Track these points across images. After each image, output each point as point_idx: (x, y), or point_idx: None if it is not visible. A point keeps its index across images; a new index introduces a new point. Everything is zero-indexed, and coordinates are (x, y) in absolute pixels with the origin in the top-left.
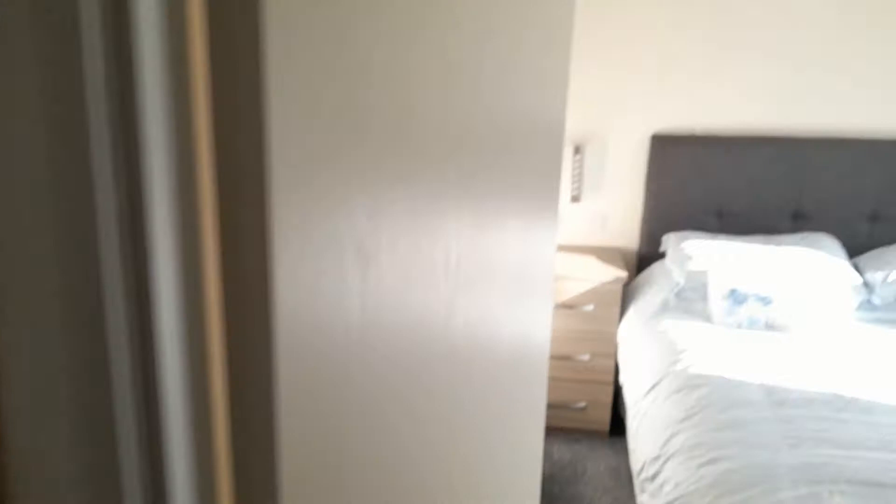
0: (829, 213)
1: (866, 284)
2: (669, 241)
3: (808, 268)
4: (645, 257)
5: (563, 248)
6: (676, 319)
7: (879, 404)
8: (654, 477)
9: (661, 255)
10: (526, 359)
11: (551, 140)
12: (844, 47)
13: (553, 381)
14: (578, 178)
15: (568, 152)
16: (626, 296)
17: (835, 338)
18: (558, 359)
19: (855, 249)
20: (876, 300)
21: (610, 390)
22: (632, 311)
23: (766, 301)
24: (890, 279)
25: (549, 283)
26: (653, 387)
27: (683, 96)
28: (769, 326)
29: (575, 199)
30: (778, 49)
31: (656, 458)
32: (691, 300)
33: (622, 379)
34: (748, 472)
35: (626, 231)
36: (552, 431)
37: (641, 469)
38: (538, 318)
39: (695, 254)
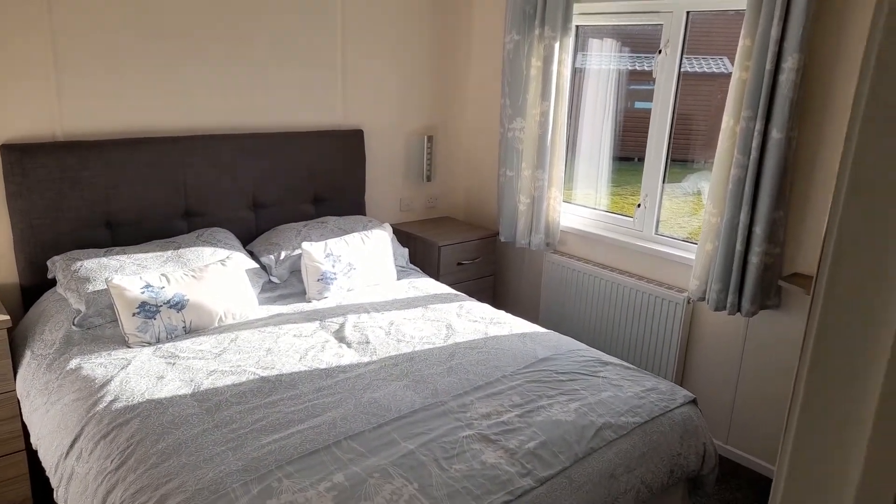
0: (217, 207)
1: (264, 267)
2: (57, 266)
3: (204, 264)
4: (30, 291)
5: None
6: (87, 353)
7: (299, 375)
8: None
9: (52, 284)
10: None
11: None
12: (211, 48)
13: None
14: None
15: None
16: (16, 342)
17: (245, 325)
18: None
19: (246, 237)
20: (275, 279)
21: (23, 458)
22: (28, 358)
23: (178, 306)
24: (282, 258)
25: None
26: (74, 441)
27: (30, 99)
28: (189, 331)
29: None
30: (149, 50)
31: None
32: (99, 326)
33: (34, 442)
34: (201, 497)
35: None
36: None
37: None
38: None
39: (91, 274)
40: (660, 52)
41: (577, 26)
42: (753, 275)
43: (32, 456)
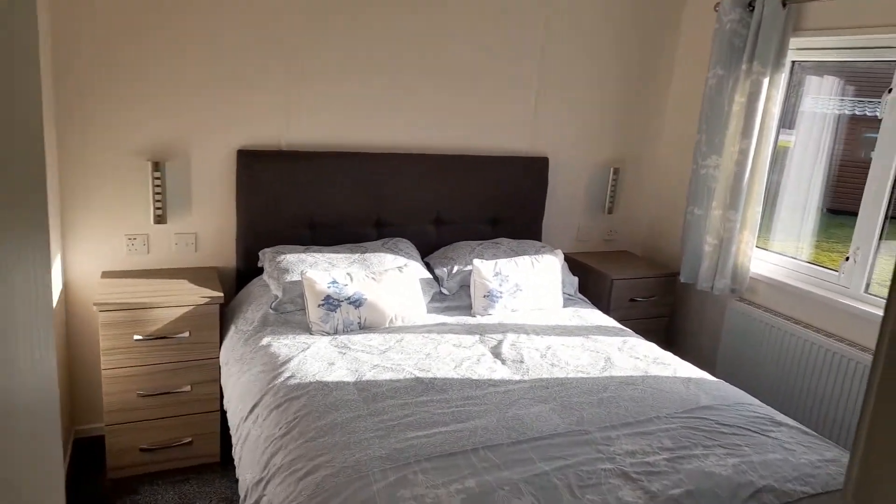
0: (404, 219)
1: (437, 279)
2: (266, 257)
3: (384, 269)
4: (244, 275)
5: (150, 273)
6: (277, 334)
7: (452, 381)
8: (257, 502)
9: (261, 272)
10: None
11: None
12: (415, 77)
13: (150, 423)
14: (162, 197)
15: (147, 169)
16: (226, 317)
17: (411, 329)
18: (154, 396)
19: (426, 249)
20: (445, 291)
21: (217, 418)
22: (232, 332)
23: (357, 303)
24: (454, 272)
25: (44, 318)
26: (254, 407)
27: (266, 112)
28: (363, 327)
29: (160, 219)
30: (362, 76)
31: (258, 483)
32: (290, 312)
33: (225, 404)
34: (344, 474)
35: (222, 250)
36: (155, 478)
37: (245, 497)
38: (20, 368)
39: (290, 266)
40: (890, 90)
41: (793, 62)
42: None
43: (222, 416)
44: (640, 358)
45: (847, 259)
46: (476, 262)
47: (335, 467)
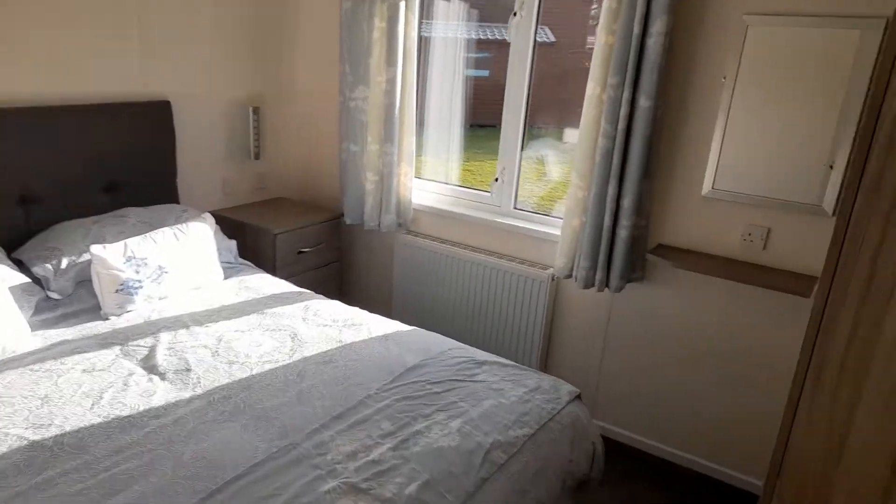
0: None
1: (38, 281)
2: None
3: None
4: None
5: None
6: None
7: (91, 431)
8: None
9: None
10: None
11: None
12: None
13: None
14: None
15: None
16: None
17: (10, 364)
18: None
19: (11, 242)
20: (54, 295)
21: None
22: None
23: None
24: (64, 267)
25: None
26: None
27: None
28: None
29: None
30: None
31: None
32: None
33: None
34: None
35: None
36: None
37: None
38: None
39: None
40: (514, 14)
41: None
42: (622, 249)
43: None
44: (328, 324)
45: (496, 180)
46: (95, 248)
47: None
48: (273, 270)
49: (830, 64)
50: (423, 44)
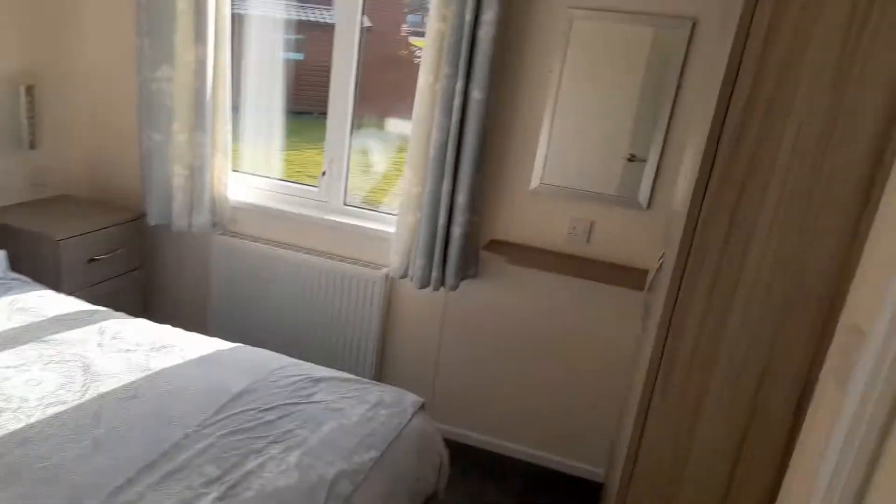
0: None
1: None
2: None
3: None
4: None
5: None
6: None
7: None
8: None
9: None
10: None
11: None
12: None
13: None
14: None
15: None
16: None
17: None
18: None
19: None
20: None
21: None
22: None
23: None
24: None
25: None
26: None
27: None
28: None
29: None
30: None
31: None
32: None
33: None
34: None
35: None
36: None
37: None
38: None
39: None
40: None
41: None
42: (457, 246)
43: None
44: (131, 349)
45: (324, 174)
46: None
47: None
48: (57, 286)
49: (630, 61)
50: (238, 21)
